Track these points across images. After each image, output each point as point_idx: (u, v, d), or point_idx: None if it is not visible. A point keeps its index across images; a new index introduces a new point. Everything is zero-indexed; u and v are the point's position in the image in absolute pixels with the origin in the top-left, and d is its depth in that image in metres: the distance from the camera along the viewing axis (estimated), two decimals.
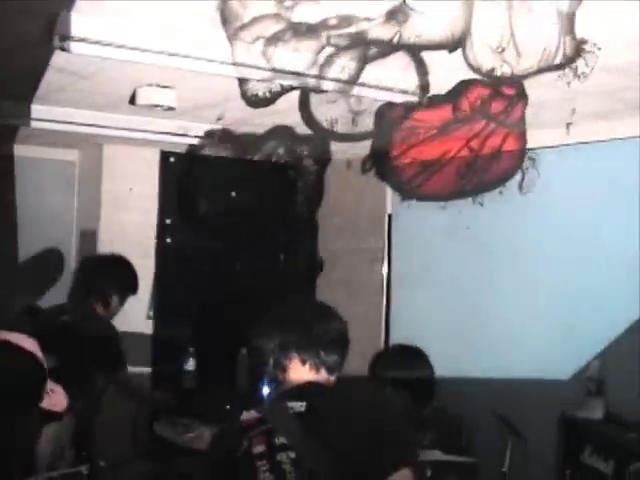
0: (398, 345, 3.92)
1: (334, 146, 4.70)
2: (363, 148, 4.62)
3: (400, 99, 3.31)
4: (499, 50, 2.48)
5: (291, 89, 3.14)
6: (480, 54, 2.55)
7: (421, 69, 2.98)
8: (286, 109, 3.59)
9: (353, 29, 2.49)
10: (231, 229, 5.19)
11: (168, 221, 5.02)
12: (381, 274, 5.02)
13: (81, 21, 2.57)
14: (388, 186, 4.90)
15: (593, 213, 3.86)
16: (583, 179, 3.91)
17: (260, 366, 2.31)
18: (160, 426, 3.86)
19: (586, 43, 2.41)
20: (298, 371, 2.25)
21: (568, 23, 2.32)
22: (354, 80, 2.96)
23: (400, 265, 4.95)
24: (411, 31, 2.45)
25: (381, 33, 2.49)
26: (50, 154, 5.02)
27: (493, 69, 2.64)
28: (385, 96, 3.29)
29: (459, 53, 2.58)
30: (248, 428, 2.12)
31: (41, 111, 4.03)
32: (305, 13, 2.44)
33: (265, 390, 4.13)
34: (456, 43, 2.46)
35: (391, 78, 3.14)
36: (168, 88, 3.52)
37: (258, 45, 2.64)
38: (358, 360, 2.55)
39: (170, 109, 3.63)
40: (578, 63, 2.49)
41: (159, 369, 4.85)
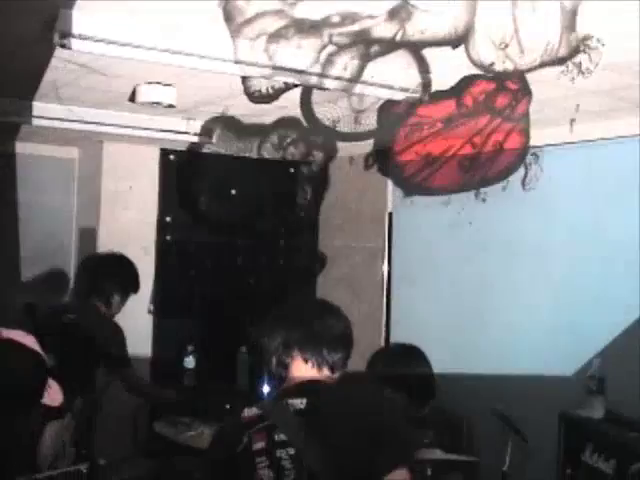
0: (395, 344, 3.91)
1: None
2: (365, 145, 4.61)
3: (402, 97, 3.30)
4: (502, 46, 2.47)
5: (294, 86, 3.13)
6: (483, 50, 2.54)
7: (423, 67, 2.97)
8: (288, 107, 3.58)
9: (356, 27, 2.48)
10: (231, 227, 5.18)
11: (168, 219, 5.02)
12: (382, 272, 5.01)
13: (81, 18, 2.56)
14: (390, 182, 4.90)
15: (596, 210, 3.85)
16: (586, 176, 3.90)
17: (264, 364, 2.32)
18: (160, 425, 3.85)
19: (590, 39, 2.40)
20: (301, 369, 2.26)
21: (571, 19, 2.32)
22: (356, 78, 2.95)
23: (401, 263, 4.95)
24: (414, 28, 2.44)
25: (384, 30, 2.48)
26: (50, 151, 5.02)
27: (493, 63, 2.62)
28: (387, 94, 3.28)
29: (461, 50, 2.58)
30: (249, 424, 2.14)
31: (41, 108, 4.02)
32: (308, 10, 2.43)
33: (265, 388, 4.13)
34: (459, 39, 2.45)
35: (393, 76, 3.13)
36: (168, 85, 3.51)
37: (260, 42, 2.63)
38: (358, 358, 2.55)
39: (170, 106, 3.62)
40: (582, 59, 2.48)
41: (159, 368, 4.85)
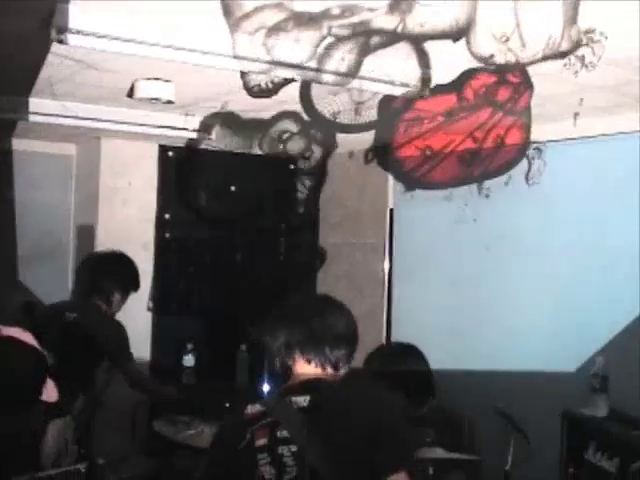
0: (393, 343, 3.89)
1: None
2: (365, 140, 4.58)
3: (401, 92, 3.27)
4: (504, 39, 2.45)
5: (293, 80, 3.10)
6: (484, 43, 2.51)
7: (423, 61, 2.94)
8: (288, 101, 3.55)
9: (356, 19, 2.46)
10: (231, 223, 5.16)
11: (167, 216, 4.99)
12: (382, 268, 4.99)
13: (79, 13, 2.54)
14: (391, 177, 4.87)
15: (599, 206, 3.83)
16: (590, 171, 3.88)
17: (266, 364, 2.31)
18: (159, 423, 3.84)
19: (593, 32, 2.37)
20: (304, 368, 2.26)
21: (572, 12, 2.29)
22: (355, 72, 2.92)
23: (402, 259, 4.93)
24: (414, 20, 2.41)
25: (384, 23, 2.45)
26: (47, 148, 4.99)
27: (493, 55, 2.60)
28: (386, 89, 3.26)
29: (462, 44, 2.55)
30: (251, 421, 2.14)
31: (38, 104, 3.99)
32: (308, 3, 2.40)
33: (265, 386, 4.11)
34: (460, 32, 2.42)
35: (393, 70, 3.10)
36: (167, 81, 3.49)
37: (259, 36, 2.61)
38: (358, 354, 2.53)
39: (169, 102, 3.60)
40: (585, 52, 2.46)
41: (158, 366, 4.83)
